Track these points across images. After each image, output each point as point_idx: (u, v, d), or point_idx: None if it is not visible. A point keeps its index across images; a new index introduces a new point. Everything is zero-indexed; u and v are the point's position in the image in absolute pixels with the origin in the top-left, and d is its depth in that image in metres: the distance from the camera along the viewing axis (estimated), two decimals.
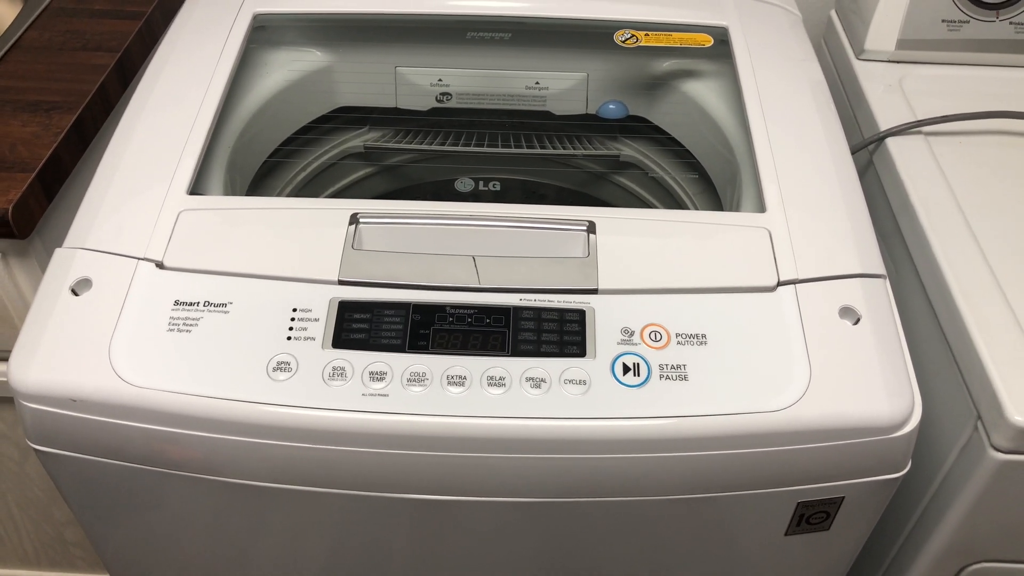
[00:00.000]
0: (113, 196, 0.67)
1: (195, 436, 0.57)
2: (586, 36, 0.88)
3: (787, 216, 0.67)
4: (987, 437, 0.64)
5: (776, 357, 0.59)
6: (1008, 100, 0.87)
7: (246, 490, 0.60)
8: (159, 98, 0.75)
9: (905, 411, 0.59)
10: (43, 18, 0.96)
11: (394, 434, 0.56)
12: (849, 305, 0.62)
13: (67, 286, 0.61)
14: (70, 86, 0.87)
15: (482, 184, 0.87)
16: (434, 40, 0.90)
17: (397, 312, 0.60)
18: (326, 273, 0.62)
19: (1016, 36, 0.91)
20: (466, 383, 0.57)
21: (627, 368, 0.58)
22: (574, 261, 0.63)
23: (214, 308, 0.60)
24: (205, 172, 0.71)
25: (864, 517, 0.66)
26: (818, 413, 0.58)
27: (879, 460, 0.60)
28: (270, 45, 0.87)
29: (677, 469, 0.59)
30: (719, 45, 0.84)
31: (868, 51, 0.93)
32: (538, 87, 0.92)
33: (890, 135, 0.83)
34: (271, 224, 0.65)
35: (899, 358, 0.61)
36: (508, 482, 0.59)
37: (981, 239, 0.73)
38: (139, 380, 0.57)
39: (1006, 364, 0.64)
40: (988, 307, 0.67)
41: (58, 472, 0.63)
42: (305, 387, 0.57)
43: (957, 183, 0.78)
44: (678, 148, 0.90)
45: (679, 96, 0.89)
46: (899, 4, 0.91)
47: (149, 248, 0.63)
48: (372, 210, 0.65)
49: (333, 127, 0.92)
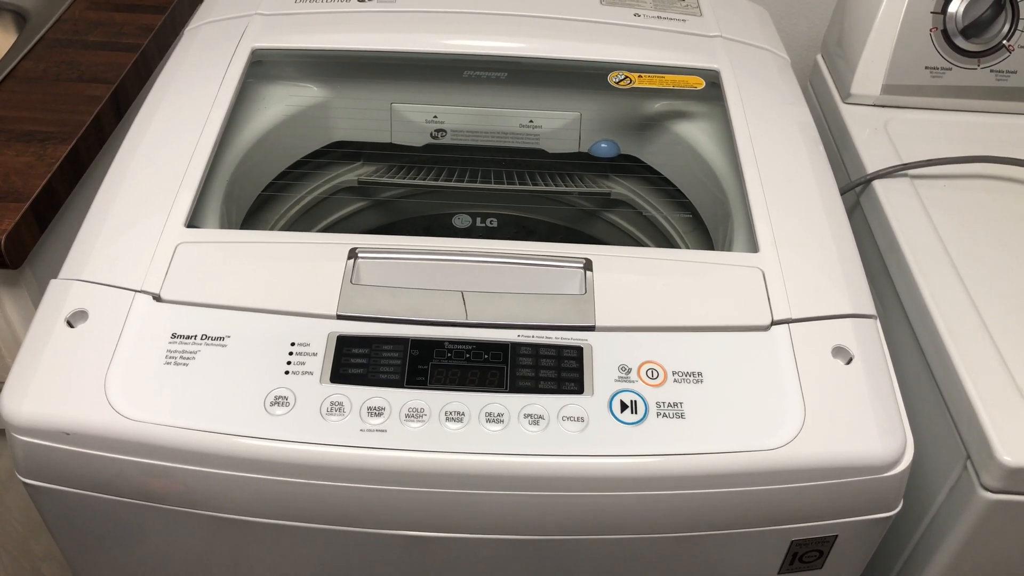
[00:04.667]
0: (110, 227, 0.67)
1: (191, 471, 0.57)
2: (580, 77, 0.90)
3: (780, 256, 0.68)
4: (976, 477, 0.65)
5: (771, 396, 0.60)
6: (990, 145, 0.90)
7: (242, 525, 0.60)
8: (157, 130, 0.75)
9: (897, 451, 0.59)
10: (38, 49, 0.96)
11: (392, 470, 0.56)
12: (842, 345, 0.63)
13: (63, 318, 0.61)
14: (65, 117, 0.87)
15: (479, 220, 0.88)
16: (430, 78, 0.91)
17: (396, 347, 0.60)
18: (325, 307, 0.62)
19: (997, 83, 0.94)
20: (464, 419, 0.57)
21: (624, 405, 0.59)
22: (571, 298, 0.64)
23: (212, 341, 0.60)
24: (202, 205, 0.72)
25: (856, 556, 0.66)
26: (812, 452, 0.58)
27: (871, 499, 0.61)
28: (268, 80, 0.88)
29: (673, 507, 0.59)
30: (710, 87, 0.86)
31: (854, 95, 0.95)
32: (532, 125, 0.93)
33: (877, 177, 0.85)
34: (270, 258, 0.65)
35: (891, 398, 0.62)
36: (506, 519, 0.59)
37: (967, 280, 0.74)
38: (135, 414, 0.57)
39: (994, 404, 0.65)
40: (976, 347, 0.68)
41: (47, 506, 0.62)
42: (303, 422, 0.57)
43: (943, 225, 0.80)
44: (669, 187, 0.91)
45: (671, 136, 0.90)
46: (884, 51, 0.93)
47: (146, 280, 0.63)
48: (371, 245, 0.66)
49: (328, 161, 0.92)
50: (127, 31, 0.99)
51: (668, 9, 0.94)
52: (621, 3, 0.93)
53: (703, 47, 0.89)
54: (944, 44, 0.93)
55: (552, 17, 0.89)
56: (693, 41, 0.90)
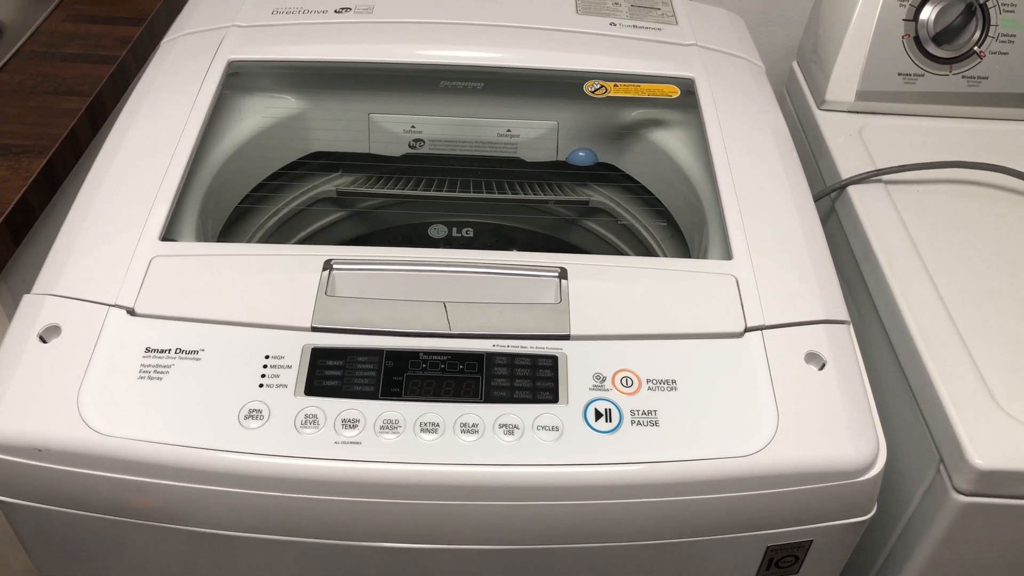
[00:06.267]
0: (84, 241, 0.67)
1: (166, 485, 0.57)
2: (556, 86, 0.90)
3: (753, 263, 0.68)
4: (949, 480, 0.66)
5: (744, 402, 0.60)
6: (962, 150, 0.91)
7: (216, 539, 0.60)
8: (132, 143, 0.75)
9: (870, 455, 0.60)
10: (14, 61, 0.96)
11: (367, 482, 0.56)
12: (815, 351, 0.63)
13: (35, 333, 0.61)
14: (41, 130, 0.87)
15: (455, 230, 0.88)
16: (408, 88, 0.92)
17: (370, 359, 0.60)
18: (299, 320, 0.62)
19: (968, 89, 0.95)
20: (439, 430, 0.58)
21: (599, 414, 0.59)
22: (546, 307, 0.64)
23: (186, 355, 0.60)
24: (178, 217, 0.72)
25: (832, 560, 0.66)
26: (786, 458, 0.58)
27: (846, 503, 0.61)
28: (244, 91, 0.88)
29: (649, 514, 0.59)
30: (686, 96, 0.86)
31: (829, 101, 0.96)
32: (509, 135, 0.93)
33: (851, 183, 0.86)
34: (244, 270, 0.65)
35: (864, 403, 0.62)
36: (482, 529, 0.59)
37: (940, 284, 0.75)
38: (108, 429, 0.56)
39: (967, 408, 0.65)
40: (948, 352, 0.69)
41: (21, 523, 0.62)
42: (277, 435, 0.57)
43: (916, 230, 0.81)
44: (646, 195, 0.91)
45: (647, 144, 0.91)
46: (858, 57, 0.94)
47: (120, 294, 0.63)
48: (346, 256, 0.66)
49: (306, 172, 0.92)
50: (104, 43, 0.99)
51: (644, 18, 0.94)
52: (597, 12, 0.94)
53: (678, 56, 0.90)
54: (916, 51, 0.94)
55: (528, 27, 0.90)
56: (668, 50, 0.90)
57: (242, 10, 0.90)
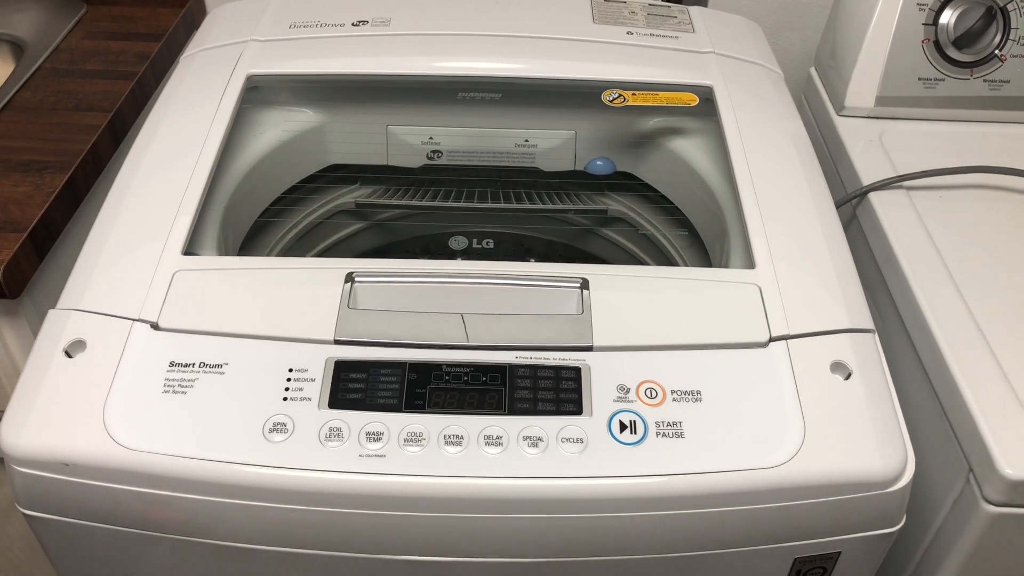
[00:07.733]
0: (108, 256, 0.67)
1: (190, 499, 0.57)
2: (574, 96, 0.90)
3: (776, 272, 0.68)
4: (979, 490, 0.65)
5: (770, 413, 0.60)
6: (984, 155, 0.90)
7: (240, 553, 0.60)
8: (154, 158, 0.75)
9: (899, 466, 0.59)
10: (36, 79, 0.97)
11: (392, 495, 0.56)
12: (840, 360, 0.62)
13: (61, 348, 0.61)
14: (62, 146, 0.88)
15: (475, 242, 0.88)
16: (425, 100, 0.92)
17: (393, 371, 0.60)
18: (322, 332, 0.62)
19: (990, 93, 0.94)
20: (463, 443, 0.57)
21: (624, 426, 0.58)
22: (568, 318, 0.64)
23: (209, 369, 0.60)
24: (199, 231, 0.72)
25: (861, 572, 0.66)
26: (813, 469, 0.58)
27: (874, 515, 0.61)
28: (263, 105, 0.88)
29: (675, 527, 0.59)
30: (704, 104, 0.86)
31: (848, 107, 0.96)
32: (527, 144, 0.93)
33: (872, 190, 0.85)
34: (267, 284, 0.65)
35: (891, 413, 0.61)
36: (506, 542, 0.59)
37: (964, 291, 0.74)
38: (134, 443, 0.57)
39: (995, 416, 0.64)
40: (975, 359, 0.68)
41: (47, 537, 0.62)
42: (301, 448, 0.57)
43: (939, 236, 0.80)
44: (666, 204, 0.91)
45: (666, 153, 0.91)
46: (877, 63, 0.93)
47: (144, 309, 0.63)
48: (368, 269, 0.66)
49: (325, 185, 0.93)
50: (123, 59, 1.00)
51: (661, 26, 0.94)
52: (614, 21, 0.94)
53: (696, 63, 0.89)
54: (936, 55, 0.93)
55: (545, 37, 0.90)
56: (686, 58, 0.90)
57: (260, 25, 0.91)
